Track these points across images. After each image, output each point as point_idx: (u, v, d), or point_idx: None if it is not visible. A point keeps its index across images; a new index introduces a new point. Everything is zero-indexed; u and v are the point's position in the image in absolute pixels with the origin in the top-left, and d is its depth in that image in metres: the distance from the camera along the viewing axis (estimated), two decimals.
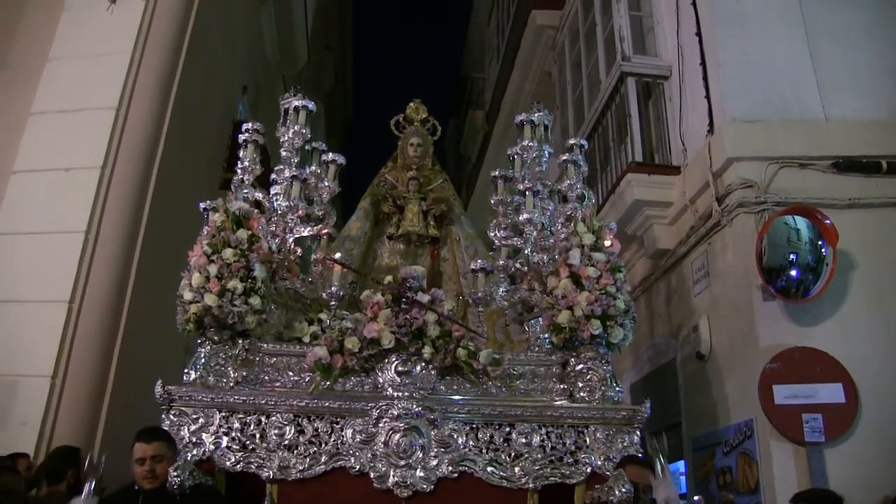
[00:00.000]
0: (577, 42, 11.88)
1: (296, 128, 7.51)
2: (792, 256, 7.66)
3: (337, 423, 6.14)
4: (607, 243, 6.61)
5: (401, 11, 39.90)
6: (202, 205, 6.88)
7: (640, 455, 6.12)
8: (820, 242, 7.53)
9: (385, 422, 6.10)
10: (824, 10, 8.57)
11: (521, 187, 7.50)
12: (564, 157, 7.48)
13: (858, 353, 7.15)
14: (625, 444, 6.19)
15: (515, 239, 7.46)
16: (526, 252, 7.29)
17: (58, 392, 8.00)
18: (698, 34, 8.84)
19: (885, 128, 8.08)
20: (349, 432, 6.12)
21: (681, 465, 8.77)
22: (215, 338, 6.29)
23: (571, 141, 7.73)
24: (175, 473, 5.41)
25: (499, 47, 19.34)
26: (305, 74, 17.87)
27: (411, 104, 8.98)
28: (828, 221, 7.40)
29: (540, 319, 6.74)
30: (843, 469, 6.83)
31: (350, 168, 7.72)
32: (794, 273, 7.63)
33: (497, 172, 8.08)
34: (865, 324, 7.39)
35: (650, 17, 10.27)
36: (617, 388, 6.38)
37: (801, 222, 7.63)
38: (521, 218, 7.41)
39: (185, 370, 6.28)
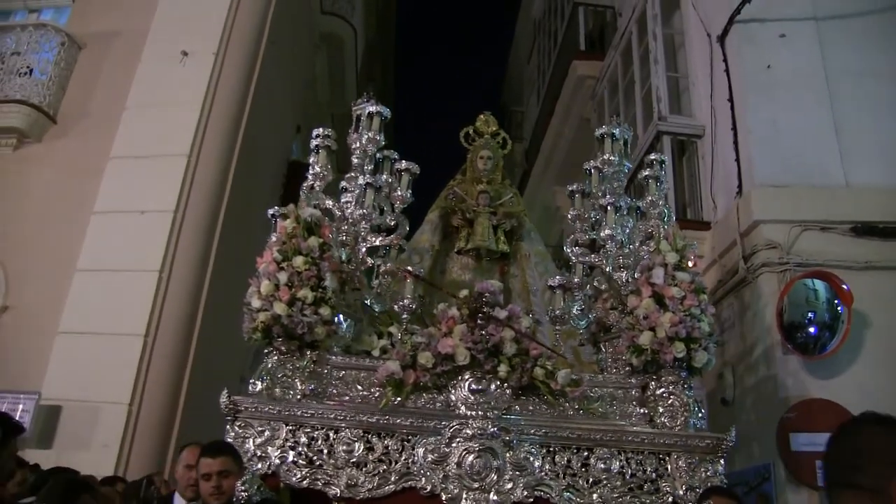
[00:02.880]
0: (616, 94, 11.94)
1: (369, 134, 7.00)
2: (810, 315, 7.81)
3: (408, 441, 5.60)
4: (690, 263, 6.09)
5: (442, 43, 39.04)
6: (270, 211, 6.54)
7: (724, 484, 5.61)
8: (836, 302, 7.67)
9: (459, 441, 5.55)
10: (848, 82, 8.69)
11: (602, 202, 6.96)
12: (646, 173, 6.99)
13: (869, 405, 6.27)
14: (708, 473, 5.62)
15: (592, 255, 6.92)
16: (608, 269, 6.73)
17: (134, 417, 8.18)
18: (730, 100, 8.92)
19: None
20: (421, 451, 5.55)
21: None
22: (283, 348, 5.76)
23: (653, 156, 7.21)
24: (242, 488, 5.02)
25: (539, 88, 18.92)
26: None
27: (481, 116, 8.49)
28: (845, 286, 7.56)
29: (621, 340, 6.14)
30: None
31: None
32: (812, 330, 7.76)
33: (575, 187, 7.57)
34: (878, 378, 7.47)
35: (686, 77, 10.34)
36: (700, 415, 5.86)
37: (819, 284, 7.82)
38: (602, 234, 6.83)
39: (251, 380, 5.80)
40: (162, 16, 10.12)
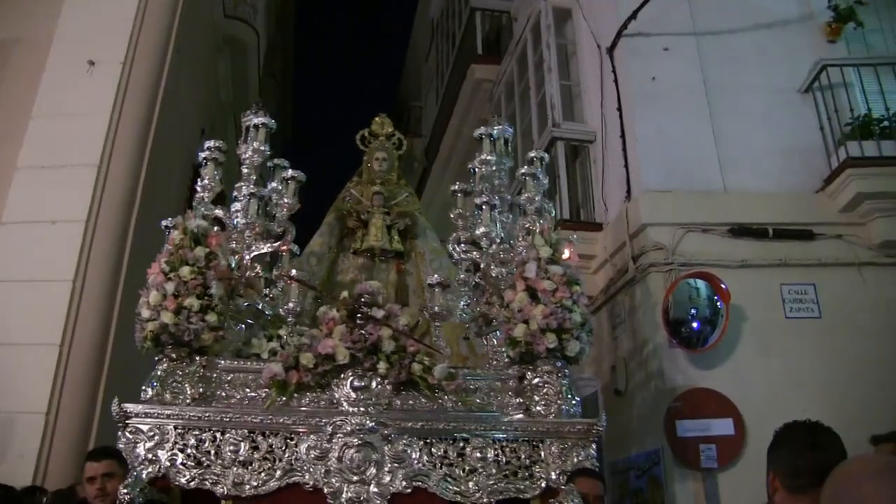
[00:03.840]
0: (512, 99, 12.12)
1: (255, 145, 6.96)
2: (693, 311, 8.16)
3: (291, 439, 5.58)
4: (566, 255, 6.16)
5: (340, 38, 38.35)
6: (164, 223, 6.49)
7: (595, 468, 5.65)
8: (716, 299, 8.04)
9: (339, 437, 5.54)
10: (727, 95, 9.10)
11: (477, 201, 7.01)
12: (523, 171, 7.03)
13: (746, 393, 7.71)
14: (580, 457, 5.64)
15: (474, 252, 6.95)
16: (482, 266, 6.80)
17: (51, 427, 7.89)
18: (619, 108, 9.23)
19: (772, 199, 8.63)
20: (303, 448, 5.54)
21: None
22: (173, 355, 5.75)
23: (532, 153, 7.29)
24: (125, 491, 4.90)
25: (437, 87, 18.93)
26: None
27: (377, 119, 8.54)
28: (723, 285, 7.95)
29: (498, 333, 6.27)
30: (733, 490, 7.40)
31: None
32: (695, 325, 8.13)
33: (457, 186, 7.70)
34: (753, 368, 7.94)
35: (578, 85, 10.62)
36: (573, 402, 5.90)
37: (700, 283, 8.17)
38: (478, 231, 6.87)
39: (143, 387, 5.77)
40: (66, 24, 9.82)
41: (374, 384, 5.65)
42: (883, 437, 5.36)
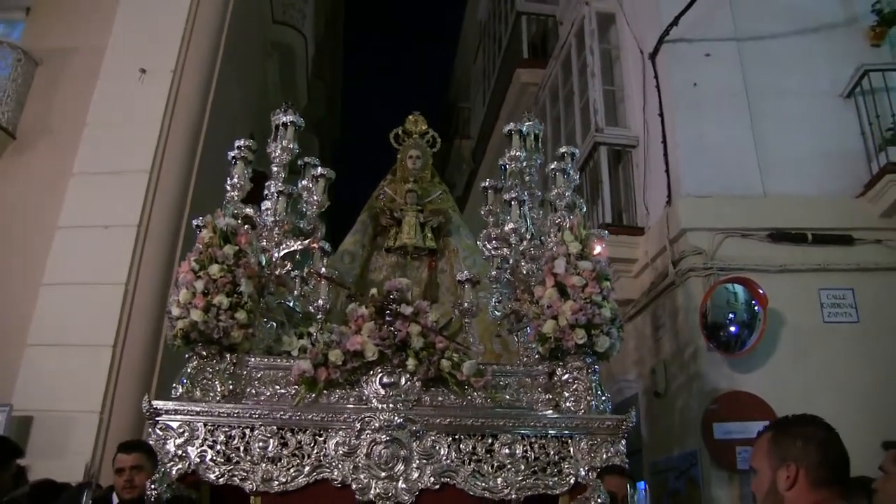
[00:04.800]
0: (556, 102, 11.94)
1: (283, 143, 6.74)
2: (731, 315, 7.90)
3: (320, 435, 5.36)
4: (596, 250, 5.86)
5: (389, 39, 38.11)
6: (195, 222, 6.34)
7: (625, 465, 5.36)
8: (754, 303, 7.82)
9: (367, 433, 5.32)
10: (768, 100, 8.82)
11: (506, 197, 6.75)
12: (553, 166, 6.73)
13: (783, 396, 7.36)
14: (609, 454, 5.37)
15: (505, 249, 6.60)
16: (511, 262, 6.49)
17: (105, 425, 7.95)
18: (661, 114, 9.03)
19: (811, 204, 8.39)
20: (332, 444, 5.33)
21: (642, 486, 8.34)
22: (203, 352, 5.55)
23: (562, 149, 6.94)
24: (152, 486, 4.72)
25: (484, 90, 18.62)
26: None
27: (410, 117, 8.28)
28: (761, 290, 7.75)
29: (529, 329, 5.94)
30: None
31: (339, 187, 6.54)
32: (732, 329, 7.87)
33: (487, 182, 7.36)
34: (790, 371, 7.73)
35: (621, 90, 10.41)
36: (603, 398, 5.61)
37: (738, 288, 7.94)
38: (507, 228, 6.59)
39: (173, 385, 5.58)
40: (119, 33, 9.84)
41: (402, 381, 5.42)
42: (892, 443, 5.14)
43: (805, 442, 2.63)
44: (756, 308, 7.71)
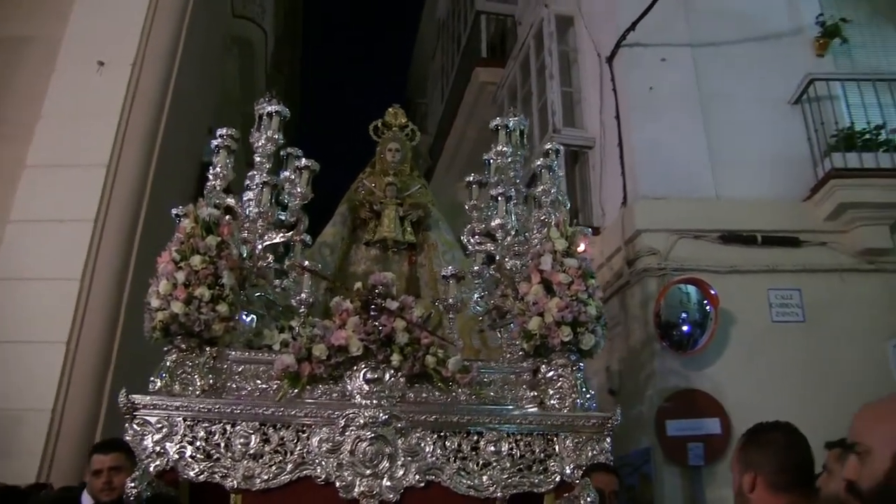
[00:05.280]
0: (515, 102, 11.69)
1: (269, 133, 6.49)
2: (684, 315, 7.99)
3: (303, 431, 5.15)
4: (581, 248, 5.70)
5: (347, 33, 37.19)
6: (174, 211, 5.96)
7: (610, 462, 5.26)
8: (706, 303, 7.92)
9: (351, 430, 5.11)
10: (721, 105, 8.92)
11: (493, 192, 6.55)
12: (538, 163, 6.58)
13: (733, 394, 7.63)
14: (595, 451, 5.25)
15: (489, 245, 6.47)
16: (498, 258, 6.35)
17: (57, 424, 7.53)
18: (617, 117, 9.11)
19: (761, 206, 8.50)
20: (315, 441, 5.11)
21: None
22: (182, 346, 5.31)
23: (548, 146, 6.78)
24: (132, 485, 4.43)
25: (442, 86, 18.40)
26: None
27: (390, 109, 8.09)
28: (712, 291, 7.86)
29: (513, 326, 5.79)
30: (719, 487, 7.28)
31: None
32: (685, 329, 7.96)
33: (472, 178, 7.23)
34: (740, 370, 7.84)
35: (579, 92, 10.42)
36: (588, 396, 5.47)
37: (691, 289, 8.02)
38: (493, 223, 6.42)
39: (151, 378, 5.31)
40: (76, 24, 9.36)
41: (387, 376, 5.21)
42: (835, 443, 5.20)
43: (766, 448, 2.78)
44: (708, 308, 7.79)
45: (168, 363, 5.28)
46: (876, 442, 2.05)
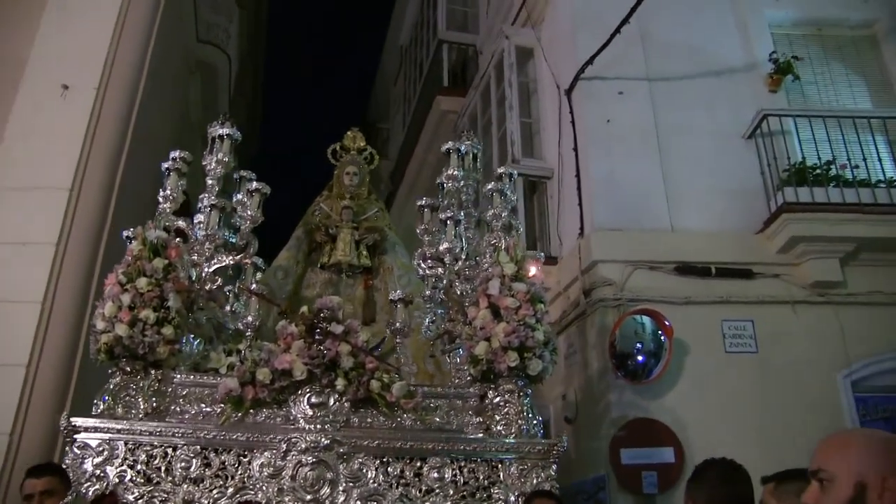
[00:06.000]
0: (475, 132, 11.18)
1: (219, 156, 6.38)
2: (639, 345, 7.77)
3: (245, 456, 4.98)
4: (532, 272, 5.55)
5: (310, 57, 36.84)
6: (125, 233, 5.92)
7: (555, 489, 5.08)
8: (660, 333, 7.72)
9: (293, 455, 4.96)
10: (676, 138, 8.75)
11: (442, 216, 6.41)
12: (490, 186, 6.44)
13: (687, 423, 7.45)
14: (540, 479, 5.06)
15: (440, 269, 6.30)
16: (445, 282, 6.20)
17: (15, 447, 7.20)
18: (575, 148, 8.90)
19: (715, 239, 8.34)
20: (256, 465, 4.95)
21: None
22: (127, 368, 5.15)
23: (500, 169, 6.67)
24: None
25: (404, 112, 18.11)
26: None
27: (349, 133, 7.97)
28: (667, 322, 7.66)
29: (461, 351, 5.64)
30: None
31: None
32: (640, 359, 7.73)
33: (424, 201, 7.12)
34: (694, 399, 7.64)
35: (538, 122, 10.22)
36: (534, 422, 5.29)
37: (646, 319, 7.81)
38: (441, 247, 6.28)
39: (94, 401, 5.16)
40: (41, 46, 9.22)
41: (331, 401, 5.06)
42: (770, 478, 5.16)
43: (703, 484, 3.09)
44: (662, 338, 7.62)
45: (111, 386, 5.11)
46: (840, 470, 2.07)
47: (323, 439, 4.91)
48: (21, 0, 9.57)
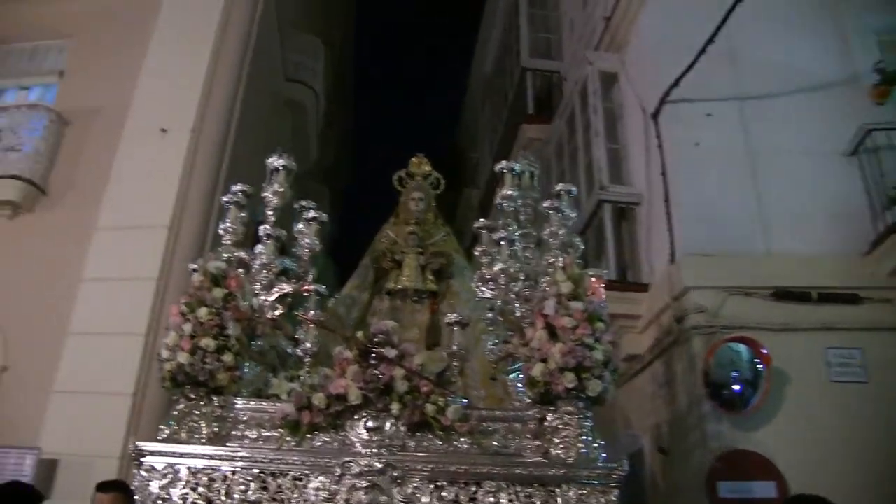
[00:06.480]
0: (562, 159, 11.46)
1: (275, 187, 6.47)
2: (734, 374, 7.37)
3: (301, 479, 4.95)
4: (600, 290, 5.38)
5: (399, 86, 36.98)
6: (190, 266, 5.95)
7: None
8: (757, 361, 7.30)
9: (347, 479, 4.89)
10: (770, 159, 8.38)
11: (495, 237, 6.29)
12: (546, 204, 6.17)
13: (789, 456, 7.01)
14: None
15: (493, 290, 6.14)
16: (499, 303, 6.02)
17: (125, 471, 7.60)
18: (663, 173, 8.65)
19: (816, 262, 7.89)
20: (312, 489, 4.91)
21: None
22: (191, 395, 5.28)
23: (558, 187, 6.36)
24: None
25: (491, 141, 18.07)
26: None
27: (413, 159, 7.99)
28: (764, 350, 7.28)
29: (520, 373, 5.47)
30: None
31: (348, 235, 6.31)
32: (736, 388, 7.34)
33: (479, 223, 7.03)
34: (795, 430, 7.21)
35: (625, 148, 9.99)
36: (595, 445, 5.02)
37: (741, 347, 7.42)
38: (495, 269, 6.13)
39: (160, 426, 5.32)
40: (142, 93, 9.86)
41: (387, 425, 5.01)
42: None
43: None
44: (759, 367, 7.22)
45: (176, 412, 5.23)
46: None
47: (376, 463, 4.85)
48: (123, 51, 10.30)
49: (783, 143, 8.33)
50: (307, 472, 4.92)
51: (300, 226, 6.59)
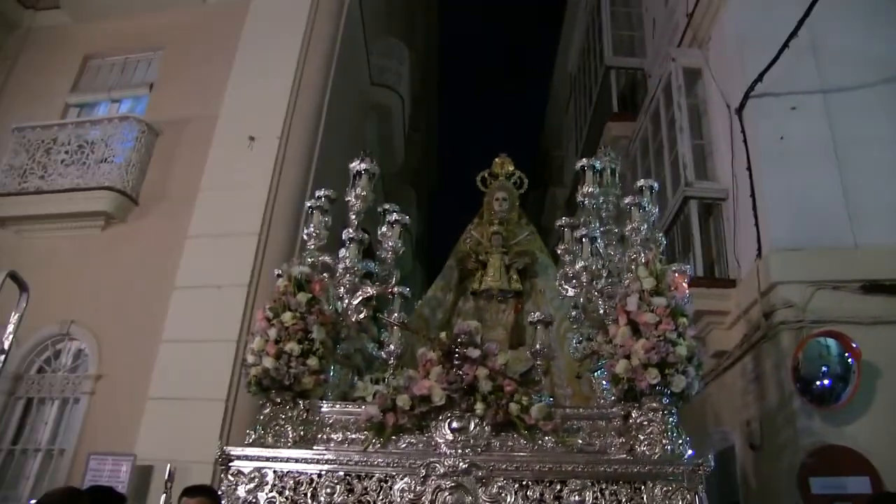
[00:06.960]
0: (647, 156, 11.23)
1: (357, 190, 6.48)
2: (824, 368, 7.12)
3: (386, 481, 4.97)
4: (683, 285, 5.29)
5: (482, 87, 36.92)
6: (276, 271, 6.00)
7: None
8: (847, 356, 7.05)
9: (432, 479, 4.90)
10: (857, 150, 8.06)
11: (576, 234, 6.17)
12: (627, 200, 6.09)
13: (882, 451, 6.72)
14: (686, 501, 4.66)
15: (575, 288, 6.06)
16: (581, 301, 5.93)
17: (219, 475, 7.48)
18: (748, 168, 8.42)
19: None
20: (397, 490, 4.92)
21: None
22: (277, 399, 5.36)
23: (640, 182, 6.31)
24: None
25: (576, 139, 17.83)
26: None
27: (497, 159, 7.95)
28: (854, 344, 6.99)
29: (604, 370, 5.41)
30: None
31: (435, 236, 6.39)
32: (826, 382, 7.09)
33: (563, 221, 6.97)
34: (888, 424, 6.90)
35: (709, 143, 9.77)
36: (680, 442, 4.92)
37: (831, 341, 7.15)
38: (577, 266, 6.00)
39: (247, 431, 5.41)
40: (229, 102, 10.05)
41: (472, 425, 4.99)
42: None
43: None
44: (850, 361, 6.97)
45: (262, 416, 5.30)
46: None
47: (461, 464, 4.82)
48: (211, 61, 10.53)
49: (869, 134, 8.07)
50: (392, 473, 4.92)
51: (384, 228, 6.61)
